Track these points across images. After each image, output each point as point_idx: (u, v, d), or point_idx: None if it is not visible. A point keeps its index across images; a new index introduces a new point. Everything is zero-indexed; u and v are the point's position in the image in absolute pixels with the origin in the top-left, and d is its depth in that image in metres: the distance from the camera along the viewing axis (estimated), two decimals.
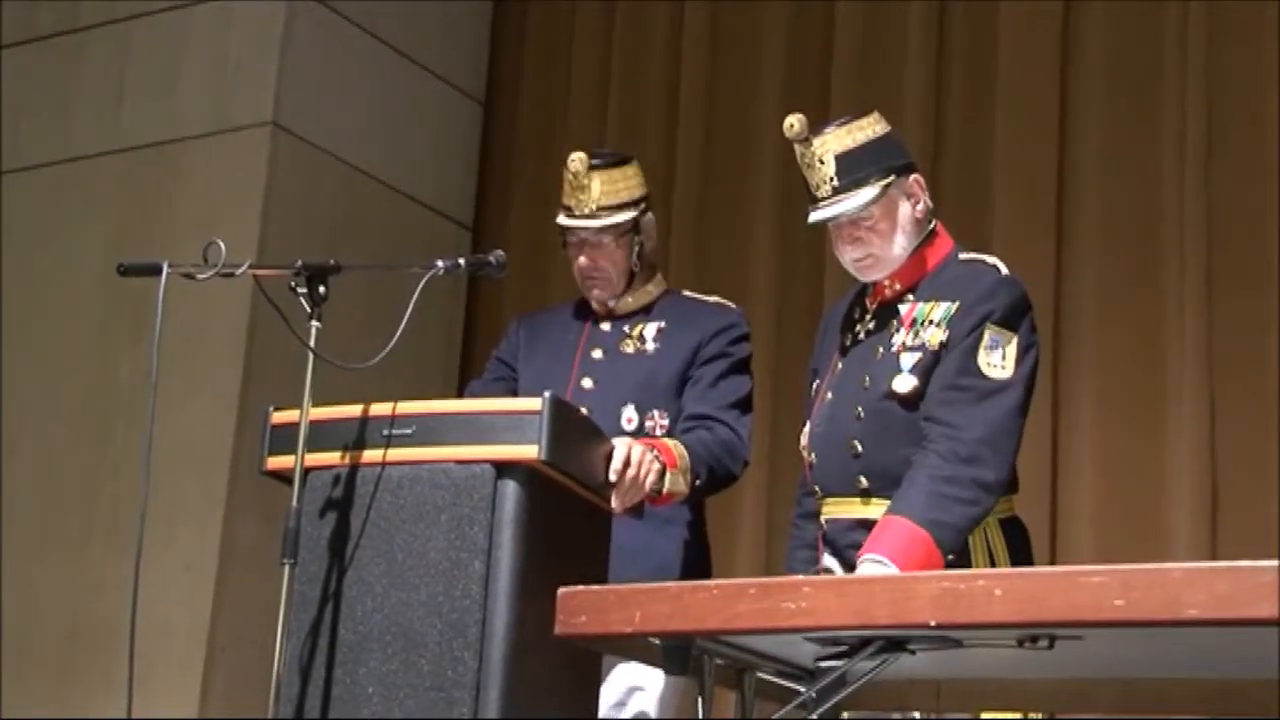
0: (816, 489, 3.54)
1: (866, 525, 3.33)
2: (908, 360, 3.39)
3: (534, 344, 4.09)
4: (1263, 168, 5.23)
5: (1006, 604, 2.27)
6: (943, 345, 3.36)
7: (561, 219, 3.97)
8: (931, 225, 3.56)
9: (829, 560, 3.47)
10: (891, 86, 5.86)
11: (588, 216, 3.92)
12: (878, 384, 3.41)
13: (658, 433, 3.84)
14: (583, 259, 3.95)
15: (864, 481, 3.40)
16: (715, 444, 3.83)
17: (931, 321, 3.39)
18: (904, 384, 3.37)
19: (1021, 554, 3.45)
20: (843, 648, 2.64)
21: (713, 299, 4.11)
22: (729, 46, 6.38)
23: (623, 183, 3.96)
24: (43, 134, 6.43)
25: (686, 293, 4.15)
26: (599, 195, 3.91)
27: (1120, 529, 5.17)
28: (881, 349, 3.45)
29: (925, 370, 3.36)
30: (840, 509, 3.43)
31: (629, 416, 3.82)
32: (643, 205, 4.00)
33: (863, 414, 3.43)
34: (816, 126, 3.48)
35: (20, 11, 6.59)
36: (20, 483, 6.02)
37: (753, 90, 6.26)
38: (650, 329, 3.99)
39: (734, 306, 4.09)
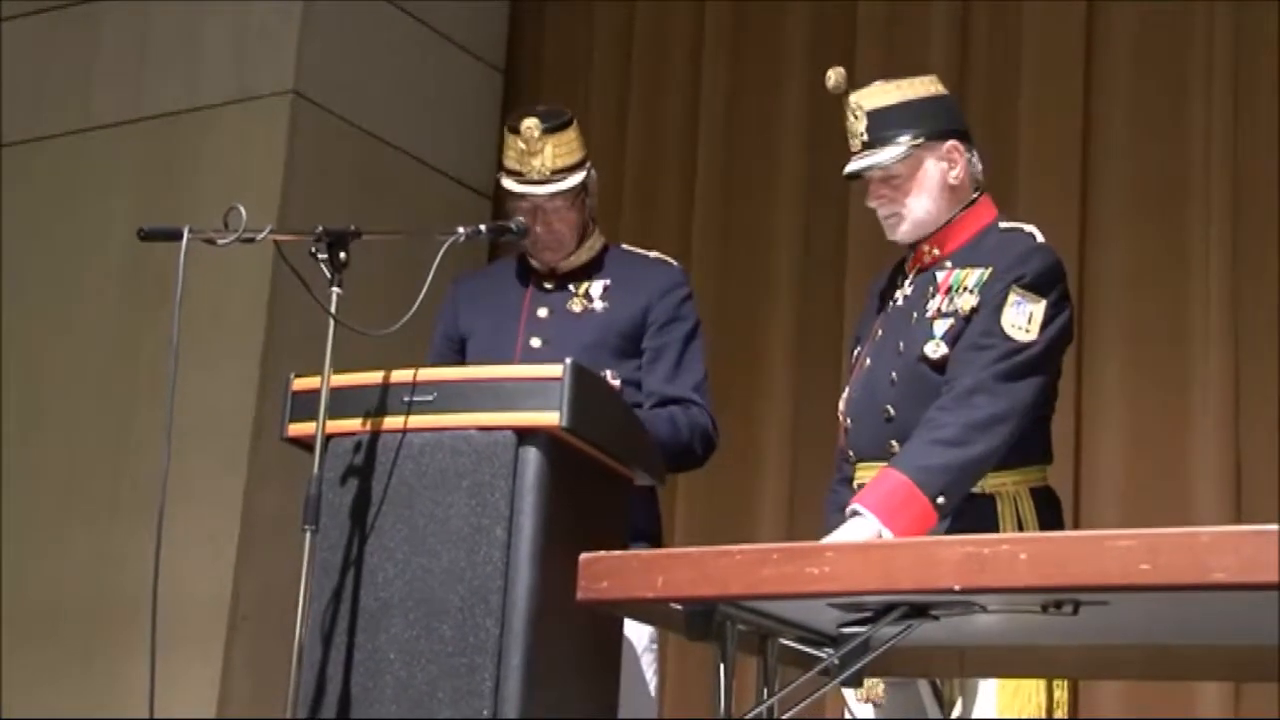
0: (851, 454, 3.53)
1: None
2: (940, 327, 3.37)
3: (475, 306, 4.04)
4: None
5: (1031, 568, 2.25)
6: (974, 310, 3.34)
7: (512, 185, 3.89)
8: (977, 194, 3.54)
9: None
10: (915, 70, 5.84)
11: (542, 181, 3.86)
12: (911, 349, 3.40)
13: None
14: (538, 226, 3.89)
15: (895, 446, 3.36)
16: (687, 425, 3.83)
17: (966, 288, 3.38)
18: (936, 351, 3.36)
19: (1052, 523, 3.42)
20: (866, 613, 2.63)
21: (653, 254, 4.09)
22: (752, 21, 6.35)
23: (571, 144, 3.92)
24: (63, 103, 6.43)
25: (625, 247, 4.12)
26: (552, 159, 3.86)
27: (1145, 497, 5.17)
28: (916, 314, 3.44)
29: (956, 337, 3.35)
30: (873, 474, 3.41)
31: None
32: (587, 164, 3.97)
33: (896, 379, 3.41)
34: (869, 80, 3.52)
35: None
36: (45, 454, 6.04)
37: (776, 75, 6.24)
38: (596, 287, 3.96)
39: (675, 263, 4.08)
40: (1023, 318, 3.30)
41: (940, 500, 3.18)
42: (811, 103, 6.00)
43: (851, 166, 3.51)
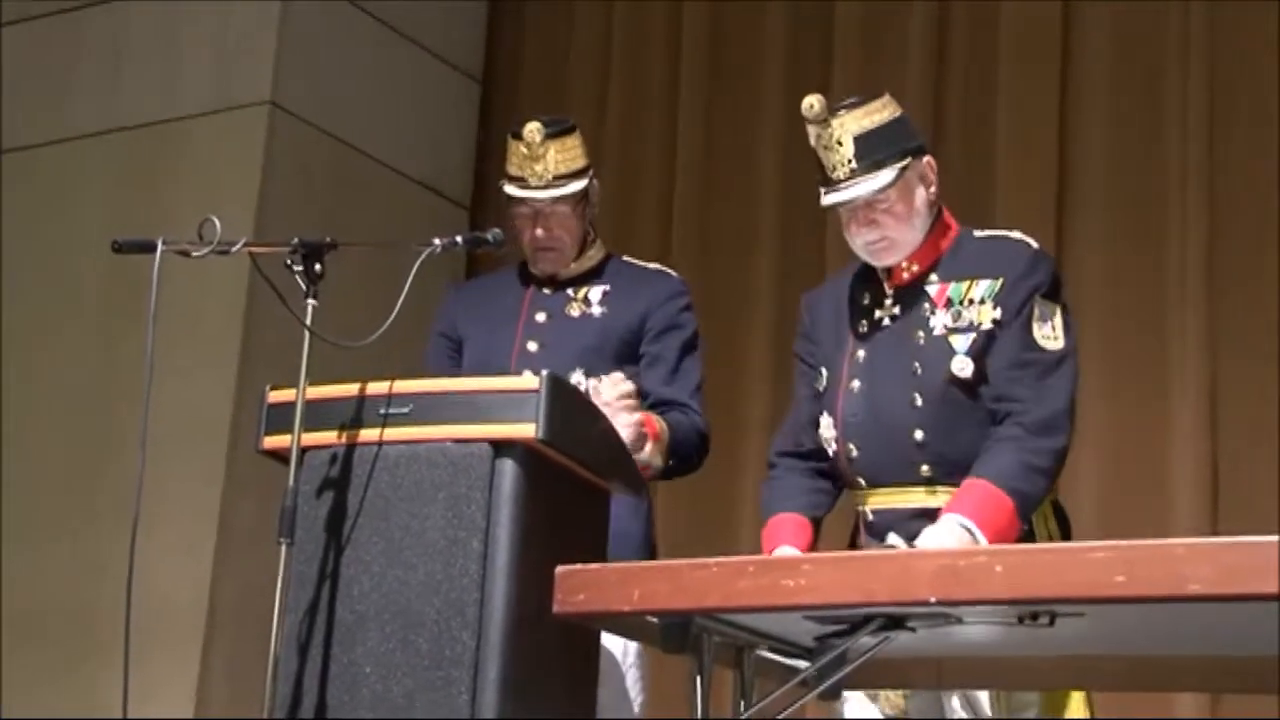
0: (860, 480, 3.45)
1: (930, 514, 3.26)
2: (961, 342, 3.33)
3: (473, 311, 4.05)
4: (1266, 147, 5.23)
5: (1007, 580, 2.25)
6: (996, 323, 3.31)
7: (514, 190, 3.91)
8: (938, 207, 3.51)
9: (894, 538, 3.37)
10: (893, 85, 5.82)
11: (545, 186, 3.88)
12: (933, 369, 3.34)
13: None
14: (539, 231, 3.91)
15: (927, 470, 3.33)
16: (692, 432, 3.84)
17: (973, 300, 3.34)
18: (963, 367, 3.31)
19: (1067, 536, 3.44)
20: (843, 625, 2.63)
21: (653, 265, 4.11)
22: (730, 26, 6.36)
23: (574, 150, 3.93)
24: (41, 113, 6.41)
25: (626, 258, 4.12)
26: (554, 164, 3.88)
27: (1122, 505, 5.17)
28: (921, 333, 3.38)
29: (981, 351, 3.31)
30: (897, 499, 3.36)
31: (577, 380, 3.79)
32: (590, 172, 3.98)
33: (921, 401, 3.34)
34: (831, 107, 3.40)
35: None
36: (23, 463, 6.02)
37: (755, 64, 6.25)
38: (595, 292, 3.96)
39: (675, 274, 4.09)
40: (1049, 327, 3.31)
41: (1025, 526, 3.19)
42: (789, 111, 5.99)
43: (844, 195, 3.37)
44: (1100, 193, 5.51)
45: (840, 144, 3.36)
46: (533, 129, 3.86)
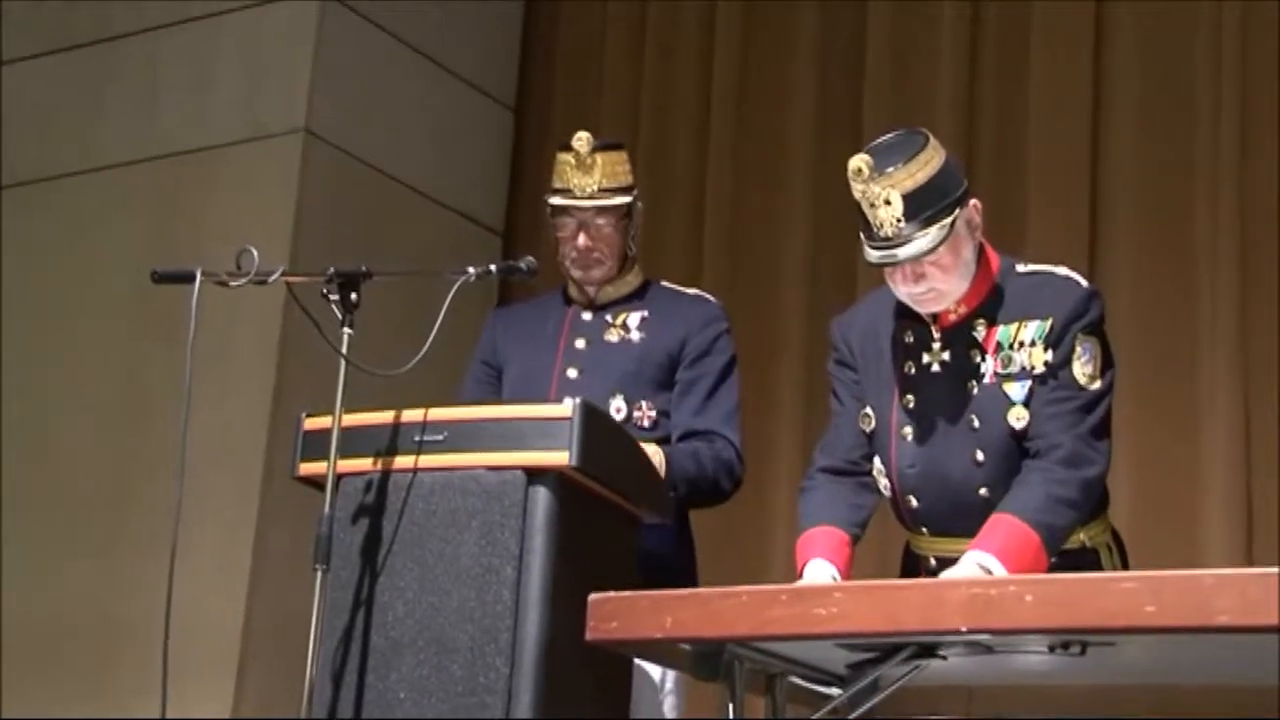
0: (923, 529, 3.42)
1: None
2: (1017, 391, 3.28)
3: (514, 337, 4.07)
4: None
5: (1036, 610, 2.26)
6: (1048, 365, 3.26)
7: (559, 200, 3.93)
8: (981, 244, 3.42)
9: None
10: (924, 86, 5.87)
11: (590, 197, 3.91)
12: (992, 424, 3.29)
13: (645, 424, 3.83)
14: (581, 238, 3.93)
15: None
16: (710, 459, 3.83)
17: (1023, 343, 3.29)
18: (1021, 418, 3.27)
19: (1126, 565, 3.44)
20: (874, 653, 2.64)
21: (691, 291, 4.13)
22: (761, 47, 6.38)
23: (621, 167, 3.97)
24: (75, 142, 6.45)
25: (665, 283, 4.13)
26: (601, 177, 3.91)
27: (1153, 533, 5.14)
28: (974, 382, 3.32)
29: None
30: (964, 549, 3.23)
31: (617, 406, 3.81)
32: (635, 193, 4.00)
33: (983, 457, 3.30)
34: (876, 163, 3.24)
35: (53, 19, 6.62)
36: (54, 485, 6.04)
37: (785, 91, 6.26)
38: (634, 317, 3.98)
39: (713, 299, 4.10)
40: (1090, 366, 3.26)
41: (1054, 560, 3.16)
42: (820, 126, 6.04)
43: (900, 254, 3.23)
44: (1131, 207, 5.50)
45: (888, 202, 3.23)
46: (582, 138, 3.90)
